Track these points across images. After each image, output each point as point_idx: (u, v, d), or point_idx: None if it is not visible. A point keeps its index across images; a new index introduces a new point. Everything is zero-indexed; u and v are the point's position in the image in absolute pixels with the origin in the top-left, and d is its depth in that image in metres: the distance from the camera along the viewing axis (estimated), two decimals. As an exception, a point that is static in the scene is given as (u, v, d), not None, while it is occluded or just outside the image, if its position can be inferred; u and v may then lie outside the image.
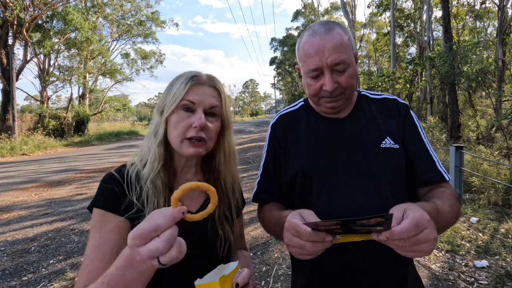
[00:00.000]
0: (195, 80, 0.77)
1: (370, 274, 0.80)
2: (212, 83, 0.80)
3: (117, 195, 0.71)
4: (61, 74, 18.69)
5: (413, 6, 14.31)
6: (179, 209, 0.50)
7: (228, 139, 0.85)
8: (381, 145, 0.84)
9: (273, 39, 41.25)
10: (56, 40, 16.39)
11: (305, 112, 0.96)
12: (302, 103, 1.00)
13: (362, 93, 0.97)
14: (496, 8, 10.72)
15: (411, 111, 0.93)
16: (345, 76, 0.81)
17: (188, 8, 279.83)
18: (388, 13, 14.59)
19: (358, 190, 0.81)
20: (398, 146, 0.84)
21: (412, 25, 14.09)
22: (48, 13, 15.12)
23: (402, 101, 0.94)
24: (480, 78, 7.59)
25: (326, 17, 31.54)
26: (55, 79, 18.45)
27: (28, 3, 14.33)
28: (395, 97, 0.95)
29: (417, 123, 0.90)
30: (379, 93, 0.97)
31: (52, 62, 18.42)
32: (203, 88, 0.78)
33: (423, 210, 0.61)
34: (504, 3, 9.59)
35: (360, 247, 0.77)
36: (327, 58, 0.78)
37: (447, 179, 0.84)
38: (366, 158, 0.83)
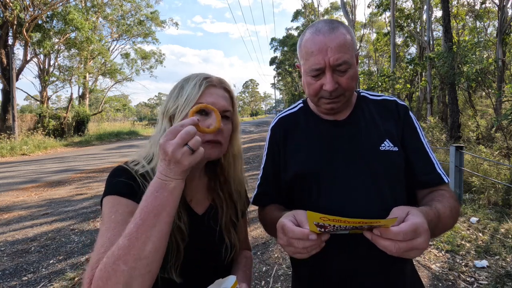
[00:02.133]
0: (208, 82, 0.75)
1: (370, 274, 0.80)
2: (223, 85, 0.79)
3: (132, 186, 0.69)
4: (61, 74, 18.71)
5: (413, 6, 14.31)
6: (194, 117, 0.63)
7: (236, 142, 0.84)
8: (380, 148, 0.83)
9: (273, 39, 41.28)
10: (56, 40, 16.39)
11: (304, 114, 0.96)
12: (301, 105, 0.99)
13: (361, 93, 0.96)
14: (496, 8, 10.72)
15: (410, 112, 0.92)
16: (346, 77, 0.80)
17: (187, 8, 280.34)
18: (388, 13, 14.60)
19: (357, 191, 0.81)
20: (397, 149, 0.84)
21: (412, 25, 14.09)
22: (48, 13, 15.12)
23: (402, 103, 0.93)
24: (480, 78, 7.60)
25: (326, 17, 31.52)
26: (55, 79, 18.46)
27: (28, 3, 14.32)
28: (394, 98, 0.94)
29: (416, 124, 0.90)
30: (379, 94, 0.97)
31: (52, 62, 18.45)
32: (216, 90, 0.76)
33: (425, 218, 0.62)
34: (504, 3, 9.59)
35: (360, 247, 0.77)
36: (330, 58, 0.77)
37: (446, 181, 0.84)
38: (365, 160, 0.83)
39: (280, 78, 50.28)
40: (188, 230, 0.73)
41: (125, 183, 0.69)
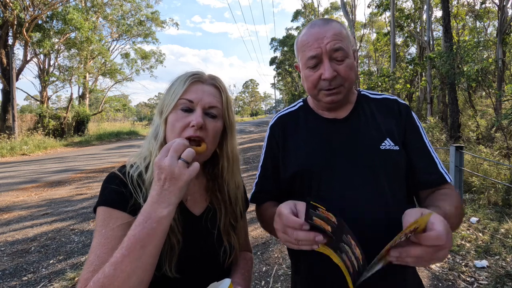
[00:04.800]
0: (194, 78, 0.75)
1: (370, 278, 0.80)
2: (213, 81, 0.77)
3: (123, 194, 0.69)
4: (61, 74, 18.68)
5: (413, 6, 14.30)
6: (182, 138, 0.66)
7: (231, 144, 0.81)
8: (381, 147, 0.83)
9: (273, 39, 41.28)
10: (56, 40, 16.39)
11: (304, 112, 0.96)
12: (301, 103, 0.99)
13: (362, 92, 0.96)
14: (496, 8, 10.71)
15: (412, 111, 0.92)
16: (344, 66, 0.80)
17: (186, 8, 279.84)
18: (388, 13, 14.58)
19: (357, 189, 0.80)
20: (398, 148, 0.84)
21: (412, 25, 14.07)
22: (48, 13, 15.12)
23: (403, 102, 0.93)
24: (480, 78, 7.59)
25: (326, 17, 31.47)
26: (55, 79, 18.44)
27: (28, 3, 14.32)
28: (395, 97, 0.95)
29: (418, 124, 0.90)
30: (379, 93, 0.97)
31: (52, 62, 18.44)
32: (202, 86, 0.75)
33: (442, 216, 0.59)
34: (504, 3, 9.58)
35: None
36: (326, 45, 0.78)
37: (449, 180, 0.83)
38: (365, 159, 0.82)
39: (280, 78, 50.24)
40: (183, 230, 0.72)
41: (117, 191, 0.69)
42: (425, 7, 12.39)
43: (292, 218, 0.63)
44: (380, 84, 11.35)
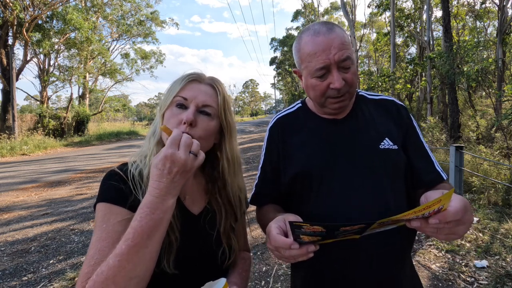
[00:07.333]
0: (191, 77, 0.77)
1: (367, 272, 0.80)
2: (210, 81, 0.78)
3: (123, 191, 0.69)
4: (61, 74, 18.67)
5: (413, 6, 14.29)
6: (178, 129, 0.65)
7: (230, 145, 0.81)
8: (380, 147, 0.84)
9: (273, 39, 41.27)
10: (56, 40, 16.39)
11: (303, 113, 0.96)
12: (300, 105, 0.99)
13: (360, 93, 0.97)
14: (496, 8, 10.71)
15: (409, 112, 0.94)
16: (350, 73, 0.81)
17: (185, 8, 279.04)
18: (388, 13, 14.58)
19: (358, 189, 0.81)
20: (397, 147, 0.85)
21: (412, 25, 14.07)
22: (48, 13, 15.12)
23: (400, 103, 0.95)
24: (480, 78, 7.60)
25: (326, 17, 31.51)
26: (55, 79, 18.43)
27: (28, 3, 14.32)
28: (392, 98, 0.96)
29: (415, 125, 0.92)
30: (376, 93, 0.98)
31: (52, 62, 18.43)
32: (199, 86, 0.76)
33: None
34: (504, 3, 9.58)
35: (357, 246, 0.77)
36: (335, 55, 0.78)
37: (445, 178, 0.87)
38: (365, 159, 0.83)
39: (280, 78, 50.22)
40: (182, 228, 0.73)
41: (116, 188, 0.70)
42: (425, 7, 12.39)
43: (280, 240, 0.64)
44: (380, 84, 11.36)
